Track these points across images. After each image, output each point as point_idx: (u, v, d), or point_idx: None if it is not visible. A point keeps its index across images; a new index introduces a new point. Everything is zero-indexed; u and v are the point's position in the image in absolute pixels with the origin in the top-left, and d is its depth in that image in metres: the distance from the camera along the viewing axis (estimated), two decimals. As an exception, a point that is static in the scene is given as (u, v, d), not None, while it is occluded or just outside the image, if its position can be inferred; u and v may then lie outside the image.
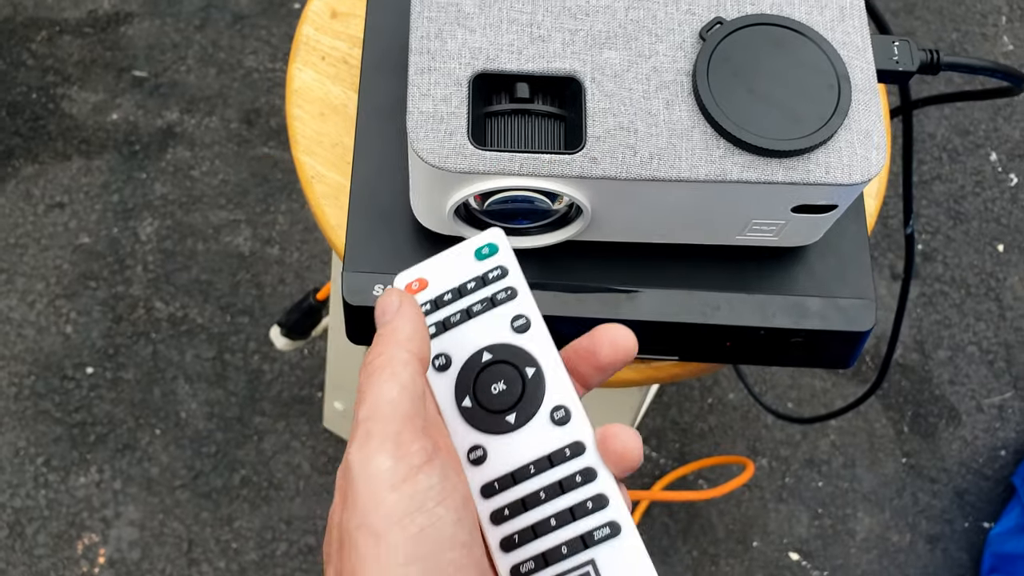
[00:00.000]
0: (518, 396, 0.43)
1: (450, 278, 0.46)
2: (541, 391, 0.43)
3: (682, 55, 0.54)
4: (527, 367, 0.43)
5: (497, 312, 0.45)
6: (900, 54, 0.60)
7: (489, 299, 0.45)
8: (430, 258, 0.46)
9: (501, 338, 0.44)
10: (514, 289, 0.45)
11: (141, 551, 1.30)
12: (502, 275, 0.45)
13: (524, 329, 0.44)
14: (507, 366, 0.44)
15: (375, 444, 0.37)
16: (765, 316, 0.60)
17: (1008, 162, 1.66)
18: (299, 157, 0.69)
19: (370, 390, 0.39)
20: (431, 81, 0.53)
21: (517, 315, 0.44)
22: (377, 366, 0.40)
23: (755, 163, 0.52)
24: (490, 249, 0.46)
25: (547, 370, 0.43)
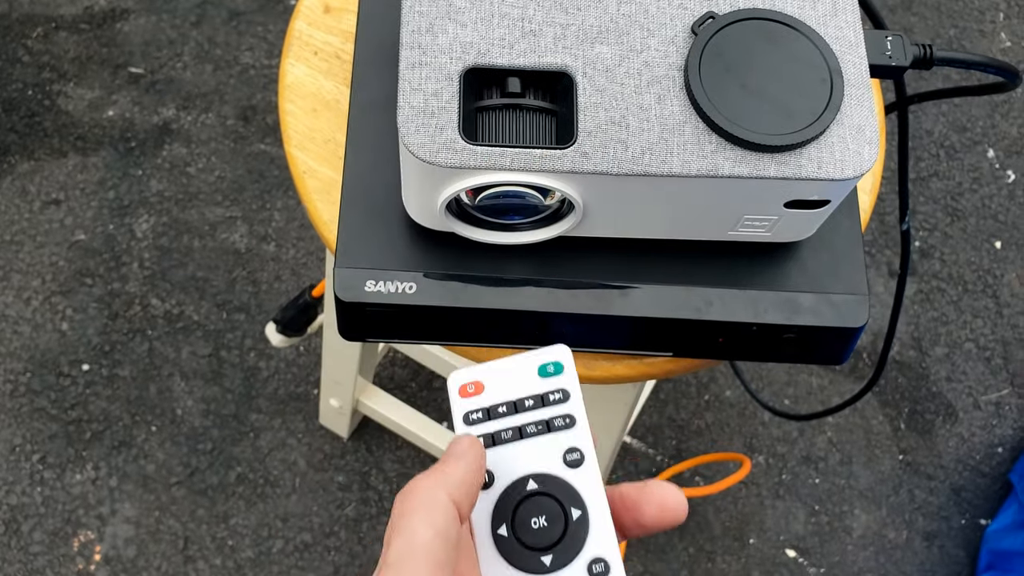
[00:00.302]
0: (558, 537, 0.41)
1: (508, 389, 0.44)
2: (583, 537, 0.41)
3: (674, 50, 0.54)
4: (573, 507, 0.41)
5: (551, 439, 0.43)
6: (893, 49, 0.60)
7: (545, 423, 0.43)
8: (491, 362, 0.45)
9: (551, 468, 0.42)
10: (573, 418, 0.43)
11: (137, 548, 1.30)
12: (563, 399, 0.44)
13: (576, 464, 0.42)
14: (552, 501, 0.42)
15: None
16: (758, 312, 0.60)
17: (1006, 159, 1.65)
18: (291, 152, 0.69)
19: (406, 527, 0.38)
20: (422, 76, 0.52)
21: (572, 447, 0.43)
22: (417, 504, 0.38)
23: (747, 158, 0.52)
24: (555, 368, 0.44)
25: (593, 515, 0.41)
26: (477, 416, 0.44)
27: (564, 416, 0.43)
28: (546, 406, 0.44)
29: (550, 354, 0.45)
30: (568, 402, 0.44)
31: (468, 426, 0.44)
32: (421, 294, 0.60)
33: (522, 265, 0.61)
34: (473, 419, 0.44)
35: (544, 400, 0.44)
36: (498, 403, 0.44)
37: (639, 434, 1.43)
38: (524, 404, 0.44)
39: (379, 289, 0.60)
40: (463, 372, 0.45)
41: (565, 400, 0.44)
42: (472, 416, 0.44)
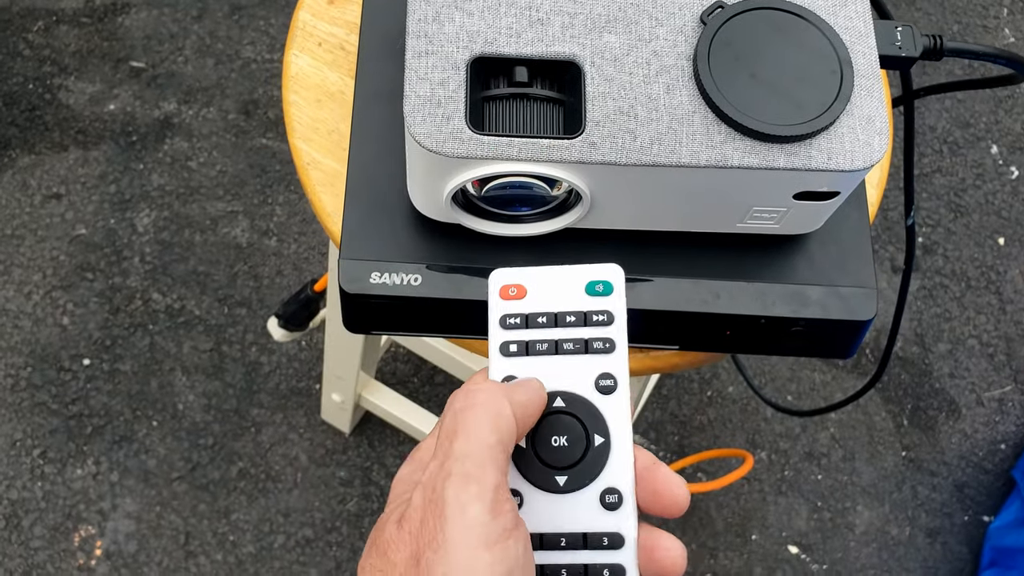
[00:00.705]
0: (576, 459, 0.40)
1: (551, 299, 0.42)
2: (601, 464, 0.40)
3: (683, 39, 0.53)
4: (596, 433, 0.40)
5: (587, 360, 0.41)
6: (903, 40, 0.59)
7: (584, 343, 0.41)
8: (538, 267, 0.43)
9: (581, 390, 0.41)
10: (613, 343, 0.41)
11: (138, 543, 1.30)
12: (607, 322, 0.42)
13: (609, 391, 0.41)
14: (576, 422, 0.40)
15: (474, 491, 0.36)
16: (765, 305, 0.60)
17: (1009, 155, 1.65)
18: (295, 144, 0.69)
19: (472, 424, 0.37)
20: (428, 65, 0.52)
21: (607, 373, 0.41)
22: (480, 402, 0.38)
23: (756, 149, 0.52)
24: (605, 288, 0.42)
25: (616, 445, 0.40)
26: (515, 321, 0.42)
27: (605, 340, 0.41)
28: (588, 325, 0.42)
29: (602, 272, 0.43)
30: (611, 326, 0.42)
31: (504, 330, 0.42)
32: (426, 286, 0.60)
33: (528, 257, 0.60)
34: (510, 323, 0.42)
35: (587, 319, 0.42)
36: (539, 312, 0.42)
37: (641, 430, 1.43)
38: (565, 319, 0.42)
39: (384, 281, 0.59)
40: (507, 272, 0.43)
41: (609, 323, 0.42)
42: (510, 320, 0.42)
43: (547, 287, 0.42)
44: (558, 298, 0.42)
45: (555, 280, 0.43)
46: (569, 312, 0.42)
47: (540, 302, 0.42)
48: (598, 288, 0.42)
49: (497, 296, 0.43)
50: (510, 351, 0.42)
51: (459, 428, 0.38)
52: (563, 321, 0.42)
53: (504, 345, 0.42)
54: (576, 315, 0.42)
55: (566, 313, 0.42)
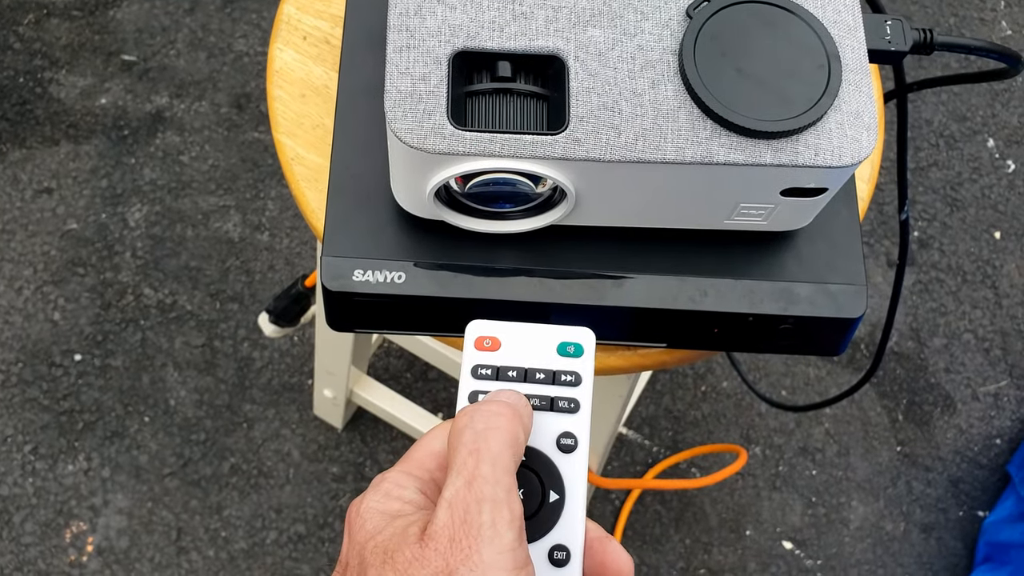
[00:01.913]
0: (530, 514, 0.41)
1: (524, 355, 0.44)
2: (553, 521, 0.41)
3: (668, 33, 0.53)
4: (552, 490, 0.41)
5: (552, 418, 0.42)
6: (893, 34, 0.59)
7: (550, 400, 0.43)
8: (514, 323, 0.45)
9: (542, 446, 0.42)
10: (578, 404, 0.43)
11: (130, 539, 1.29)
12: (574, 383, 0.43)
13: (568, 450, 0.42)
14: (533, 477, 0.41)
15: (507, 518, 0.37)
16: (753, 302, 0.59)
17: (1006, 148, 1.64)
18: (279, 139, 0.68)
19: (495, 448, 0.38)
20: (410, 59, 0.51)
21: (568, 432, 0.42)
22: (502, 426, 0.39)
23: (743, 145, 0.51)
24: (575, 350, 0.44)
25: (569, 504, 0.41)
26: (486, 372, 0.43)
27: (570, 400, 0.43)
28: (556, 384, 0.43)
29: (574, 334, 0.44)
30: (578, 387, 0.43)
31: (476, 380, 0.44)
32: (410, 284, 0.59)
33: (513, 254, 0.60)
34: (482, 374, 0.44)
35: (555, 378, 0.43)
36: (510, 366, 0.44)
37: (635, 425, 1.42)
38: (535, 375, 0.43)
39: (367, 278, 0.59)
40: (484, 324, 0.45)
41: (576, 384, 0.43)
42: (481, 371, 0.44)
43: (521, 342, 0.44)
44: (530, 354, 0.44)
45: (529, 337, 0.44)
46: (539, 369, 0.43)
47: (513, 356, 0.44)
48: (569, 349, 0.44)
49: (472, 346, 0.45)
50: (479, 401, 0.43)
51: (483, 449, 0.38)
52: (532, 377, 0.43)
53: (473, 395, 0.44)
54: (545, 373, 0.43)
55: (536, 370, 0.43)
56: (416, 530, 0.37)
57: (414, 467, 0.42)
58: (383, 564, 0.37)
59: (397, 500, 0.40)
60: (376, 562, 0.38)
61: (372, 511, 0.40)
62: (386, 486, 0.41)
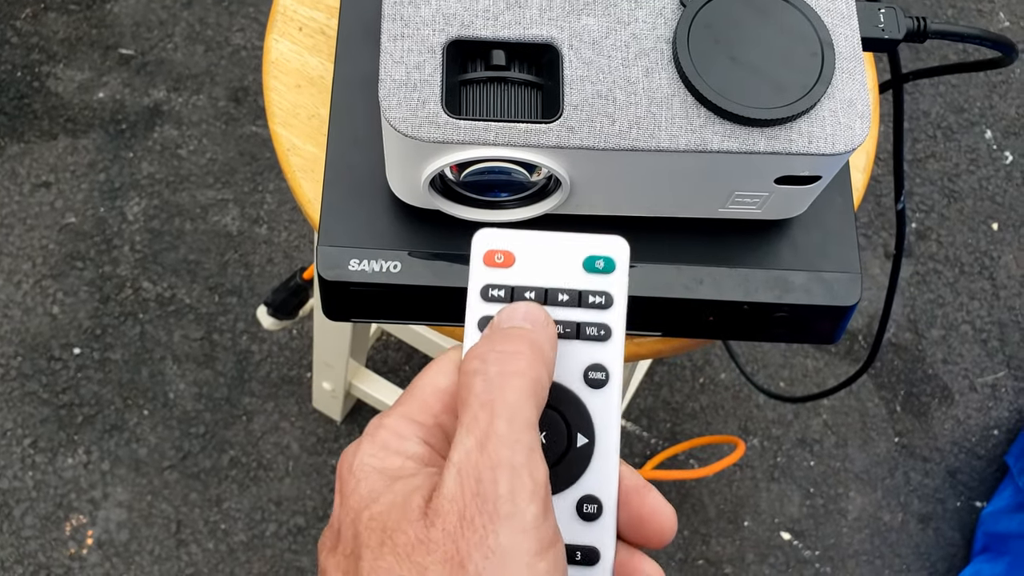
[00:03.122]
0: (553, 461, 0.35)
1: (543, 271, 0.37)
2: (581, 468, 0.35)
3: (662, 22, 0.53)
4: (579, 432, 0.36)
5: (577, 347, 0.36)
6: (886, 21, 0.59)
7: (576, 326, 0.37)
8: (531, 231, 0.38)
9: (567, 380, 0.36)
10: (609, 331, 0.37)
11: (129, 532, 1.29)
12: (604, 305, 0.37)
13: (598, 385, 0.36)
14: (557, 417, 0.36)
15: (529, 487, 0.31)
16: (748, 290, 0.59)
17: (1003, 140, 1.64)
18: (275, 129, 0.68)
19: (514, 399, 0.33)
20: (404, 48, 0.51)
21: (598, 364, 0.36)
22: (522, 369, 0.33)
23: (736, 132, 0.51)
24: (605, 264, 0.37)
25: (600, 448, 0.36)
26: (498, 294, 0.37)
27: (599, 326, 0.36)
28: (582, 307, 0.37)
29: (604, 245, 0.37)
30: (609, 310, 0.37)
31: (486, 302, 0.37)
32: (406, 273, 0.59)
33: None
34: (493, 295, 0.37)
35: (581, 299, 0.37)
36: (527, 285, 0.37)
37: (633, 417, 1.42)
38: (557, 297, 0.37)
39: (363, 268, 0.59)
40: (495, 234, 0.38)
41: (606, 306, 0.37)
42: (492, 291, 0.37)
43: (539, 257, 0.37)
44: (551, 271, 0.37)
45: (549, 249, 0.37)
46: (562, 289, 0.37)
47: (530, 273, 0.37)
48: (598, 264, 0.37)
49: (480, 261, 0.38)
50: (490, 330, 0.37)
51: (497, 401, 0.32)
52: (554, 299, 0.37)
53: (483, 321, 0.37)
54: (570, 293, 0.37)
55: (558, 290, 0.37)
56: (420, 500, 0.32)
57: (416, 410, 0.36)
58: (381, 545, 0.32)
59: (397, 454, 0.34)
60: (373, 542, 0.32)
61: (367, 469, 0.34)
62: (383, 436, 0.35)
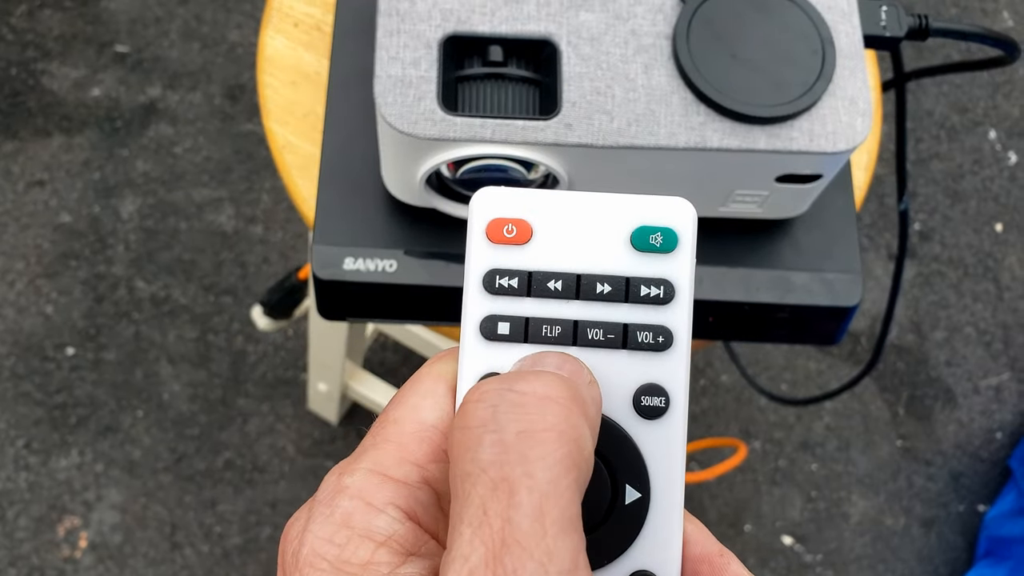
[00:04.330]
0: (597, 521, 0.26)
1: (573, 250, 0.27)
2: (631, 534, 0.26)
3: (661, 18, 0.52)
4: (632, 483, 0.26)
5: (625, 362, 0.26)
6: (888, 19, 0.58)
7: (623, 331, 0.26)
8: (561, 192, 0.28)
9: (610, 410, 0.26)
10: (671, 336, 0.26)
11: (123, 535, 1.28)
12: (663, 299, 0.26)
13: (655, 414, 0.26)
14: (599, 463, 0.26)
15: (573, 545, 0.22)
16: (749, 291, 0.58)
17: (1007, 140, 1.63)
18: (270, 126, 0.67)
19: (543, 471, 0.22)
20: (400, 44, 0.50)
21: (653, 385, 0.26)
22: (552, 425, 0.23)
23: (736, 130, 0.50)
24: (664, 239, 0.27)
25: (657, 505, 0.26)
26: (508, 283, 0.27)
27: (657, 330, 0.26)
28: (631, 302, 0.26)
29: (662, 211, 0.27)
30: (669, 306, 0.26)
31: (491, 295, 0.27)
32: (402, 272, 0.58)
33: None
34: (500, 286, 0.27)
35: (630, 290, 0.26)
36: (551, 270, 0.27)
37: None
38: (594, 287, 0.26)
39: (358, 267, 0.58)
40: (503, 196, 0.27)
41: (665, 301, 0.26)
42: (501, 281, 0.27)
43: (568, 228, 0.27)
44: (585, 249, 0.27)
45: (583, 216, 0.27)
46: (602, 276, 0.26)
47: (554, 253, 0.27)
48: (653, 240, 0.26)
49: (483, 236, 0.27)
50: (498, 333, 0.27)
51: (518, 478, 0.22)
52: (590, 291, 0.26)
53: (488, 322, 0.27)
54: (613, 282, 0.26)
55: (596, 277, 0.26)
56: None
57: (392, 461, 0.25)
58: None
59: (364, 539, 0.24)
60: None
61: (317, 559, 0.24)
62: (346, 507, 0.24)
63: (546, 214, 0.27)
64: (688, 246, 0.27)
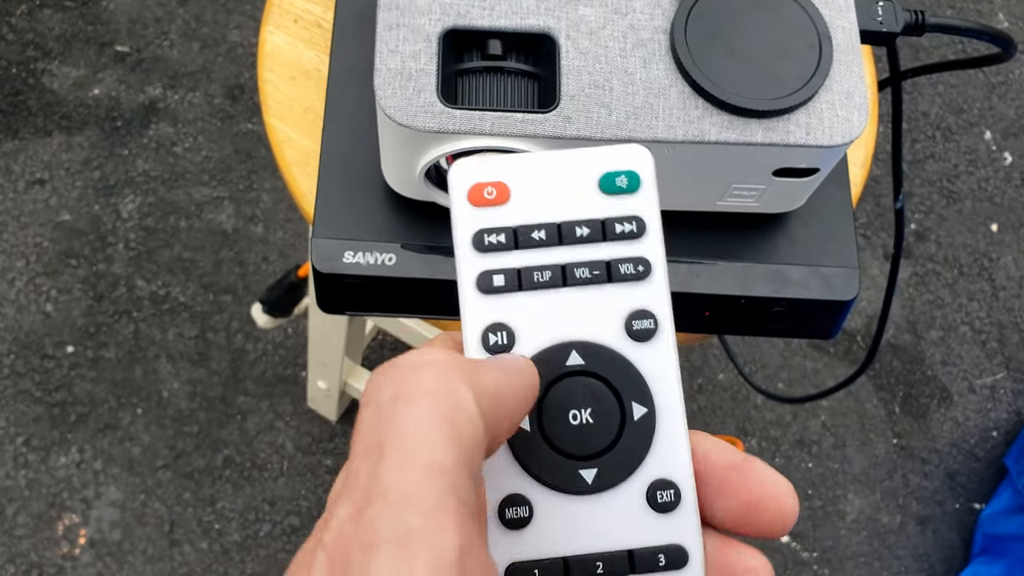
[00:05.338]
0: (608, 443, 0.28)
1: (549, 202, 0.29)
2: (645, 446, 0.28)
3: (660, 12, 0.52)
4: (635, 402, 0.28)
5: (611, 293, 0.29)
6: (884, 14, 0.58)
7: (605, 266, 0.29)
8: (525, 155, 0.30)
9: (606, 337, 0.28)
10: (648, 265, 0.29)
11: (122, 532, 1.29)
12: (635, 234, 0.29)
13: (645, 336, 0.29)
14: (603, 387, 0.28)
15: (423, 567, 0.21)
16: (745, 285, 0.58)
17: (1002, 140, 1.64)
18: (270, 122, 0.68)
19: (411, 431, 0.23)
20: (400, 37, 0.51)
21: (642, 310, 0.29)
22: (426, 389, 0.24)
23: (734, 124, 0.50)
24: (629, 181, 0.29)
25: (663, 416, 0.28)
26: (497, 240, 0.29)
27: (635, 261, 0.29)
28: (608, 240, 0.29)
29: (622, 157, 0.30)
30: (643, 239, 0.29)
31: (481, 253, 0.29)
32: (401, 266, 0.58)
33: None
34: (491, 243, 0.29)
35: (606, 230, 0.29)
36: (533, 223, 0.29)
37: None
38: (574, 232, 0.29)
39: (358, 260, 0.58)
40: (477, 164, 0.30)
41: (639, 235, 0.29)
42: (489, 238, 0.29)
43: (541, 184, 0.30)
44: (560, 200, 0.29)
45: (552, 172, 0.30)
46: (579, 221, 0.29)
47: (533, 207, 0.29)
48: (619, 182, 0.29)
49: (465, 201, 0.30)
50: (494, 286, 0.29)
51: (388, 438, 0.22)
52: (571, 236, 0.29)
53: (484, 277, 0.29)
54: (590, 225, 0.29)
55: (574, 223, 0.29)
56: None
57: None
58: None
59: None
60: None
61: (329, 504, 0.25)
62: None
63: (520, 174, 0.30)
64: (650, 184, 0.30)
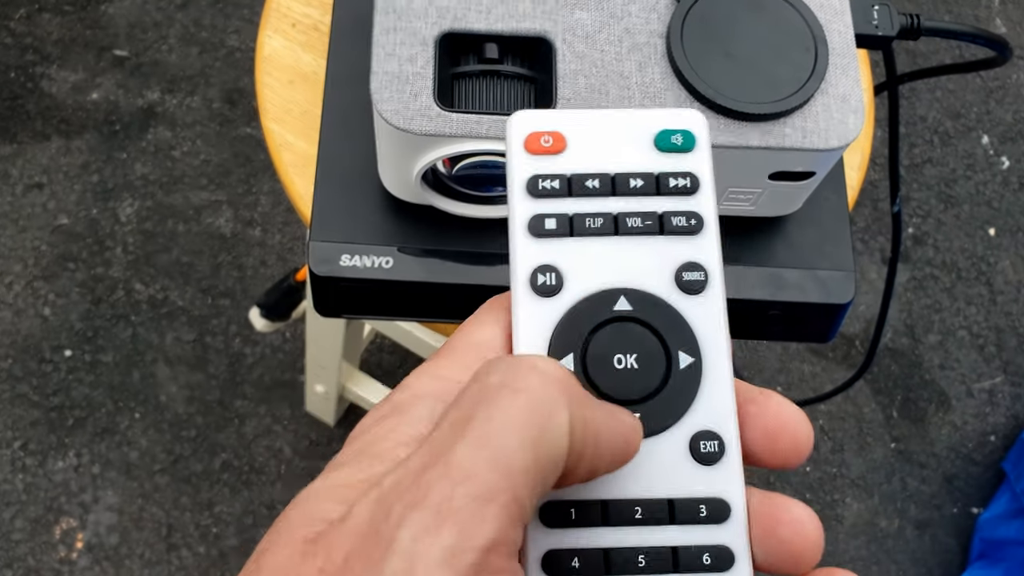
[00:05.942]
0: (654, 388, 0.28)
1: (606, 155, 0.30)
2: (690, 396, 0.28)
3: (655, 16, 0.52)
4: (682, 351, 0.28)
5: (663, 244, 0.29)
6: (880, 18, 0.58)
7: (658, 219, 0.29)
8: (585, 111, 0.31)
9: (655, 287, 0.29)
10: (701, 220, 0.29)
11: (120, 536, 1.29)
12: (689, 190, 0.29)
13: (696, 289, 0.29)
14: (650, 334, 0.28)
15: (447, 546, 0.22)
16: (741, 288, 0.59)
17: (1000, 145, 1.64)
18: (268, 125, 0.68)
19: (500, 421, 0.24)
20: (396, 41, 0.51)
21: (693, 262, 0.29)
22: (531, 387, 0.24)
23: (730, 127, 0.51)
24: (684, 140, 0.30)
25: (710, 367, 0.28)
26: (551, 186, 0.29)
27: (688, 215, 0.29)
28: (662, 194, 0.29)
29: (679, 118, 0.30)
30: (696, 195, 0.29)
31: (535, 198, 0.29)
32: (398, 269, 0.58)
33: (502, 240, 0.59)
34: (544, 188, 0.29)
35: (660, 184, 0.29)
36: (588, 172, 0.29)
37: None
38: (628, 183, 0.29)
39: (355, 263, 0.58)
40: (537, 115, 0.30)
41: (692, 191, 0.29)
42: (543, 184, 0.29)
43: (598, 138, 0.30)
44: (616, 153, 0.30)
45: (609, 128, 0.30)
46: (634, 173, 0.29)
47: (588, 158, 0.30)
48: (675, 140, 0.30)
49: (521, 148, 0.30)
50: (545, 229, 0.29)
51: (478, 415, 0.24)
52: (624, 186, 0.29)
53: (536, 221, 0.29)
54: (644, 177, 0.29)
55: (629, 175, 0.29)
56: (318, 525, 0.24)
57: (444, 369, 0.28)
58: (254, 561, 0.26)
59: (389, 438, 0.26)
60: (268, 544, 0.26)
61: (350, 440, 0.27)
62: (397, 398, 0.27)
63: (577, 127, 0.30)
64: (705, 146, 0.30)
